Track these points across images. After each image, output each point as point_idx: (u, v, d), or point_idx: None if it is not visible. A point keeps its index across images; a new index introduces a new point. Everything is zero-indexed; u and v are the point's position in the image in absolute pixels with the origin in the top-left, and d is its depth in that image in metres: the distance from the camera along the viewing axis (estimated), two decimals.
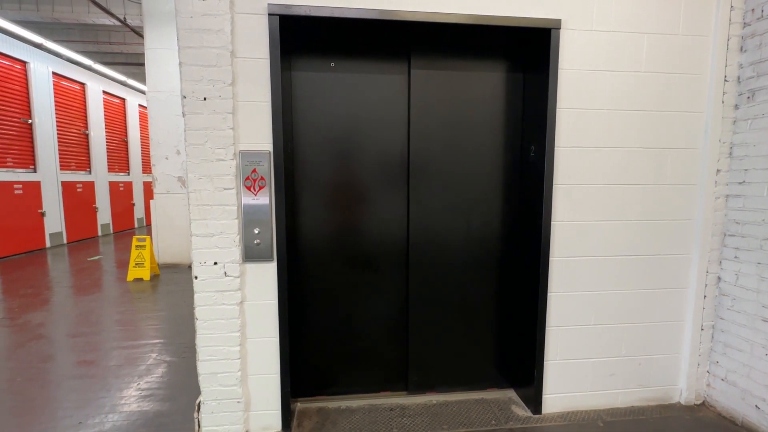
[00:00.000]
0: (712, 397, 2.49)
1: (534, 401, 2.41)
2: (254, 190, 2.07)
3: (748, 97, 2.29)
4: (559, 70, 2.21)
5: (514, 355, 2.63)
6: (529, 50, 2.38)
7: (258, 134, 2.06)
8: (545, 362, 2.40)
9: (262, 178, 2.07)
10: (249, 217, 2.08)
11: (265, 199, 2.08)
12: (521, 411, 2.45)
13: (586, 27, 2.21)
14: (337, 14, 2.03)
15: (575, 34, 2.21)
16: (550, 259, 2.33)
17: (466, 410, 2.45)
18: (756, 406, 2.24)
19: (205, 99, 1.98)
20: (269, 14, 1.99)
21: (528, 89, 2.44)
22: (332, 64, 2.35)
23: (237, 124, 2.04)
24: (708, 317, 2.47)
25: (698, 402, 2.53)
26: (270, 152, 2.06)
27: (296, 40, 2.26)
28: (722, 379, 2.43)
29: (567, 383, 2.44)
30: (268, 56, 2.02)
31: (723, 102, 2.34)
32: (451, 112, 2.44)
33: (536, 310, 2.35)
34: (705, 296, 2.46)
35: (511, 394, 2.64)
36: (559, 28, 2.17)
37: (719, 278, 2.46)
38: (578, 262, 2.37)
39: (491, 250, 2.57)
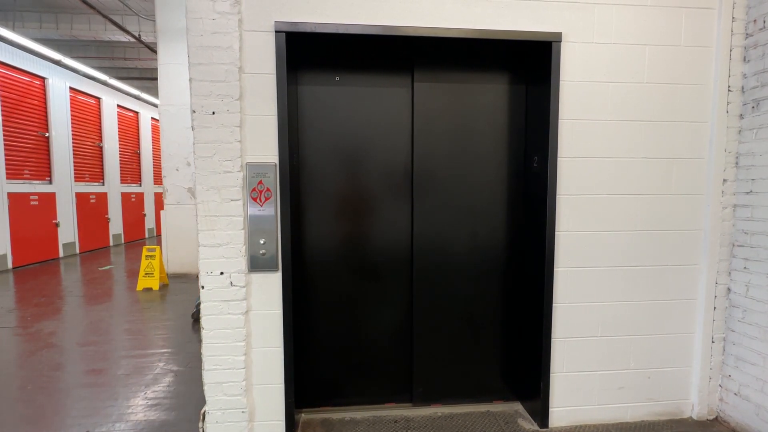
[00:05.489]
0: (725, 411, 2.43)
1: (541, 414, 2.37)
2: (260, 201, 2.11)
3: (753, 107, 2.28)
4: (561, 82, 2.23)
5: (521, 366, 2.60)
6: (531, 63, 2.41)
7: (264, 147, 2.11)
8: (551, 374, 2.36)
9: (268, 190, 2.11)
10: (255, 227, 2.12)
11: (270, 210, 2.12)
12: (528, 425, 2.41)
13: (586, 39, 2.24)
14: (341, 30, 2.09)
15: (576, 47, 2.23)
16: (555, 269, 2.31)
17: (471, 423, 2.42)
18: None
19: (213, 113, 2.04)
20: (276, 31, 2.05)
21: (530, 101, 2.46)
22: (337, 78, 2.41)
23: (244, 137, 2.09)
24: (719, 329, 2.43)
25: (711, 417, 2.46)
26: (276, 164, 2.11)
27: (302, 55, 2.33)
28: (735, 394, 2.37)
29: (574, 396, 2.40)
30: (274, 71, 2.08)
31: (727, 112, 2.33)
32: (454, 123, 2.48)
33: (541, 320, 2.34)
34: (715, 308, 2.41)
35: (517, 406, 2.60)
36: (560, 41, 2.20)
37: (729, 289, 2.42)
38: (583, 273, 2.35)
39: (495, 260, 2.57)
